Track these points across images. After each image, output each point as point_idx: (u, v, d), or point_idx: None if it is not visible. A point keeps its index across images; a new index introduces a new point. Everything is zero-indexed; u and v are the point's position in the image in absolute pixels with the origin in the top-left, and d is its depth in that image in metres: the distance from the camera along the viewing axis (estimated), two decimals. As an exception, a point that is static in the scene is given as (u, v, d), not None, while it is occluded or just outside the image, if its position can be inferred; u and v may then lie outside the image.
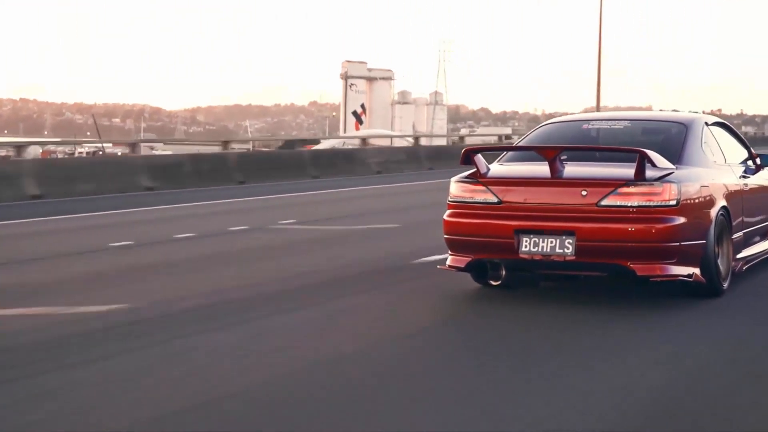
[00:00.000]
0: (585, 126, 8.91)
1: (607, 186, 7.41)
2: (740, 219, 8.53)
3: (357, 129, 78.87)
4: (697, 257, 7.56)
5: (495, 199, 7.73)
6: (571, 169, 7.72)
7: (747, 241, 8.83)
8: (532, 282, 8.35)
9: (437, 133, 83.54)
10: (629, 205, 7.35)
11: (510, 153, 8.64)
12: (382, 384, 5.55)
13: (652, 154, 7.46)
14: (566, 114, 11.24)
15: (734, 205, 8.33)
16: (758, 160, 9.74)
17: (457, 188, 7.97)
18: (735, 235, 8.36)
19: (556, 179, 7.58)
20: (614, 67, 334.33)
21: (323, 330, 6.94)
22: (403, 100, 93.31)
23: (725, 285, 7.99)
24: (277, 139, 61.75)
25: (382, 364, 5.99)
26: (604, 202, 7.38)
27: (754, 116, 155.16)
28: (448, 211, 8.02)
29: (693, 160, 8.11)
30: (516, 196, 7.70)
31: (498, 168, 8.19)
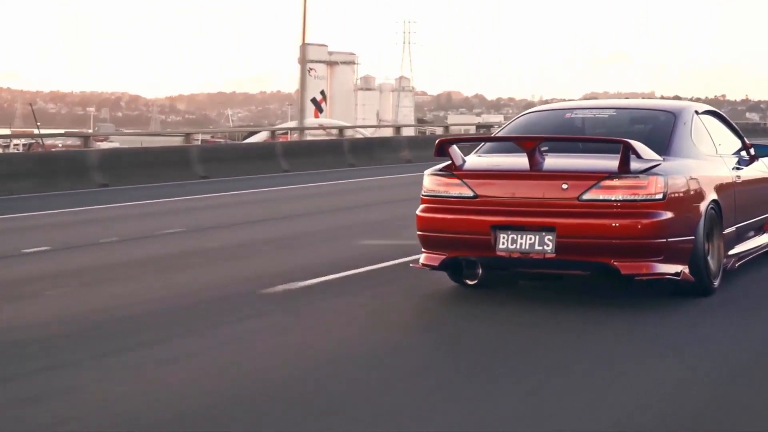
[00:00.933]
0: (568, 115, 8.76)
1: (589, 179, 7.24)
2: (732, 213, 8.37)
3: (316, 117, 76.05)
4: (685, 254, 7.38)
5: (470, 193, 7.56)
6: (552, 161, 7.55)
7: (740, 237, 8.68)
8: (511, 281, 8.09)
9: (403, 122, 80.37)
10: (613, 199, 7.20)
11: (489, 144, 8.44)
12: (366, 389, 5.49)
13: (637, 145, 7.27)
14: (565, 101, 10.92)
15: (726, 198, 8.18)
16: (752, 151, 9.50)
17: (430, 181, 7.79)
18: (727, 231, 8.22)
19: (536, 172, 7.41)
20: (616, 52, 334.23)
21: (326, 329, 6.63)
22: (367, 86, 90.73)
23: (716, 283, 7.79)
24: (242, 130, 58.92)
25: (361, 366, 5.97)
26: (586, 196, 7.23)
27: (759, 102, 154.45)
28: (422, 206, 7.85)
29: (681, 151, 7.93)
30: (493, 189, 7.54)
31: (474, 160, 8.00)
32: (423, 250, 8.02)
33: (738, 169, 9.04)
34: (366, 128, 55.32)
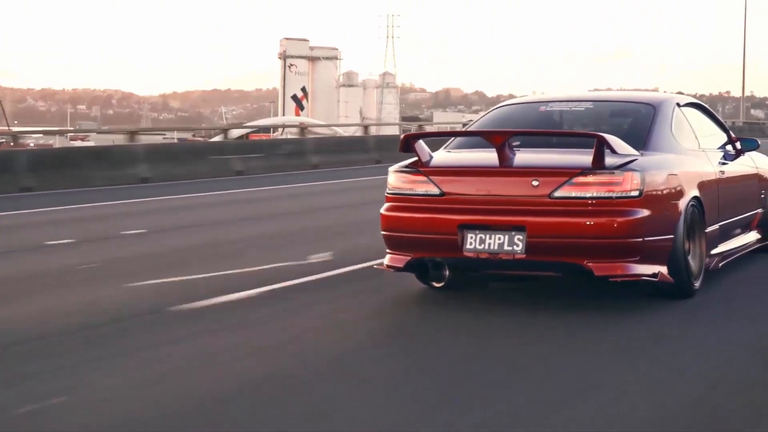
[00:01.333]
0: (542, 108, 8.48)
1: (561, 175, 6.97)
2: (716, 210, 8.10)
3: (297, 115, 74.05)
4: (663, 254, 7.10)
5: (437, 191, 7.27)
6: (522, 157, 7.28)
7: (724, 235, 8.41)
8: (481, 283, 7.78)
9: (387, 120, 78.65)
10: (586, 196, 6.96)
11: (458, 139, 8.23)
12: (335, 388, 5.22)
13: (612, 139, 6.98)
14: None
15: (709, 195, 7.91)
16: (738, 145, 9.18)
17: (395, 179, 7.51)
18: (709, 229, 7.95)
19: (505, 168, 7.13)
20: (618, 49, 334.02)
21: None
22: (350, 82, 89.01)
23: (697, 284, 7.51)
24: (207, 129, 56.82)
25: (326, 370, 5.68)
26: (557, 194, 6.96)
27: (765, 99, 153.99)
28: (386, 205, 7.61)
29: (661, 146, 7.66)
30: (460, 187, 7.26)
31: (442, 156, 7.72)
32: (387, 250, 7.72)
33: (722, 164, 8.79)
34: (347, 127, 53.92)
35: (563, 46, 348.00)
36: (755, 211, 9.55)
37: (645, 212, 7.11)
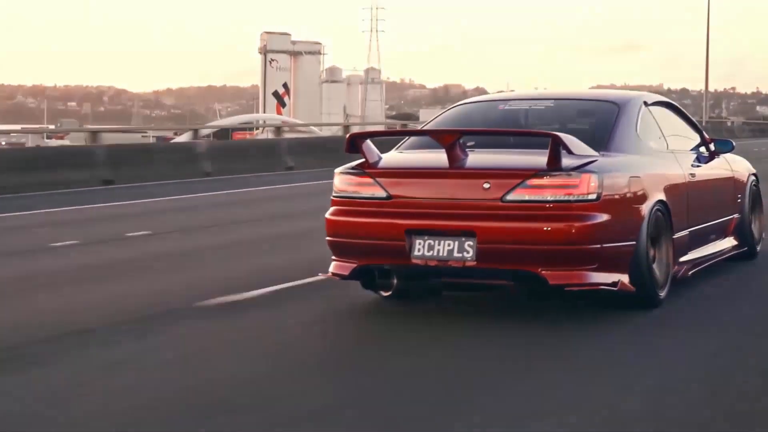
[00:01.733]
0: (502, 107, 8.13)
1: (513, 177, 6.63)
2: (684, 215, 7.77)
3: (279, 113, 71.81)
4: (623, 262, 6.77)
5: (383, 194, 6.96)
6: (474, 158, 6.99)
7: (695, 241, 8.08)
8: (432, 291, 7.50)
9: (372, 117, 76.82)
10: (540, 199, 6.66)
11: (412, 139, 7.89)
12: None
13: (568, 139, 6.66)
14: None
15: (676, 198, 7.59)
16: (712, 147, 8.83)
17: (341, 181, 7.18)
18: (677, 235, 7.63)
19: (455, 169, 6.80)
20: (623, 43, 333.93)
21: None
22: (333, 78, 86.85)
23: (662, 294, 7.14)
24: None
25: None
26: (510, 197, 6.63)
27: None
28: (332, 208, 7.29)
29: (623, 146, 7.34)
30: (408, 189, 6.94)
31: (392, 157, 7.42)
32: (333, 257, 7.35)
33: (694, 166, 8.46)
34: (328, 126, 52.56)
35: (567, 40, 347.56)
36: (731, 216, 9.21)
37: (603, 217, 6.78)
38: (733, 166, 9.51)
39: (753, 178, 9.89)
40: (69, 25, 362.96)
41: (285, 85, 78.82)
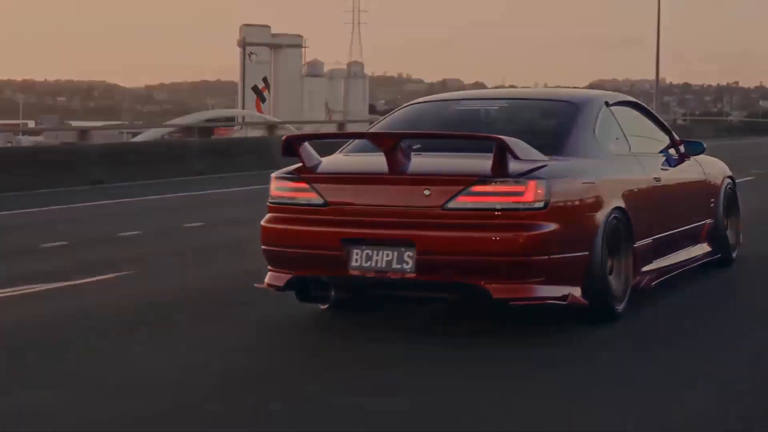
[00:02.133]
0: (453, 107, 7.76)
1: (455, 184, 6.33)
2: (647, 222, 7.46)
3: (258, 109, 69.59)
4: (575, 274, 6.51)
5: (320, 201, 6.64)
6: (416, 163, 6.61)
7: (660, 250, 7.80)
8: (373, 304, 7.35)
9: (354, 114, 75.07)
10: (483, 207, 6.41)
11: (359, 141, 7.39)
12: None
13: (515, 143, 6.33)
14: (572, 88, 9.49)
15: (638, 205, 7.27)
16: (682, 149, 8.43)
17: (276, 186, 6.99)
18: (639, 243, 7.27)
19: (395, 175, 6.40)
20: (625, 38, 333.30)
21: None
22: (314, 72, 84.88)
23: (620, 307, 6.77)
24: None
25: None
26: (451, 205, 6.34)
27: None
28: (267, 215, 6.90)
29: (578, 150, 7.05)
30: (346, 196, 6.65)
31: (330, 161, 7.12)
32: (269, 267, 6.99)
33: (661, 170, 8.05)
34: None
35: (569, 34, 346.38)
36: (702, 222, 8.82)
37: (551, 226, 6.44)
38: (706, 168, 9.14)
39: (729, 181, 9.53)
40: (58, 19, 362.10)
41: (265, 80, 76.53)
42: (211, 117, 52.65)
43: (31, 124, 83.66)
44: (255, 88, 75.14)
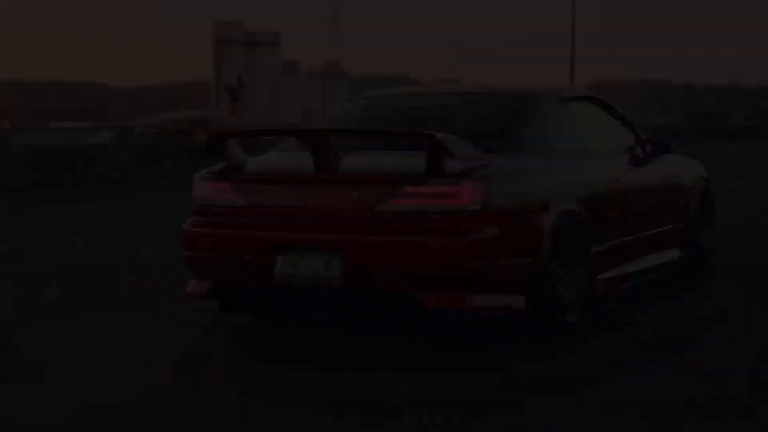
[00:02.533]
0: (402, 102, 7.44)
1: (386, 184, 6.01)
2: (605, 226, 6.99)
3: (233, 110, 68.11)
4: (518, 282, 6.17)
5: (243, 203, 6.12)
6: (347, 162, 6.15)
7: (622, 256, 7.43)
8: (297, 312, 7.12)
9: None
10: (416, 210, 6.03)
11: (295, 138, 6.96)
12: None
13: (451, 140, 5.96)
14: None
15: (594, 208, 6.94)
16: (649, 147, 7.98)
17: (199, 187, 6.45)
18: (597, 248, 6.76)
19: (324, 175, 5.96)
20: (626, 36, 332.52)
21: None
22: (292, 71, 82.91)
23: (571, 318, 6.39)
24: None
25: None
26: (382, 207, 6.09)
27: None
28: (189, 219, 6.39)
29: (526, 148, 6.55)
30: (271, 198, 6.32)
31: (258, 160, 6.70)
32: (192, 275, 6.56)
33: (624, 170, 7.60)
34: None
35: (567, 32, 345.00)
36: (671, 226, 8.36)
37: (491, 231, 6.05)
38: (678, 169, 8.71)
39: (703, 182, 9.06)
40: (50, 17, 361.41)
41: (239, 79, 74.56)
42: (176, 119, 51.59)
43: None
44: (229, 89, 72.69)
